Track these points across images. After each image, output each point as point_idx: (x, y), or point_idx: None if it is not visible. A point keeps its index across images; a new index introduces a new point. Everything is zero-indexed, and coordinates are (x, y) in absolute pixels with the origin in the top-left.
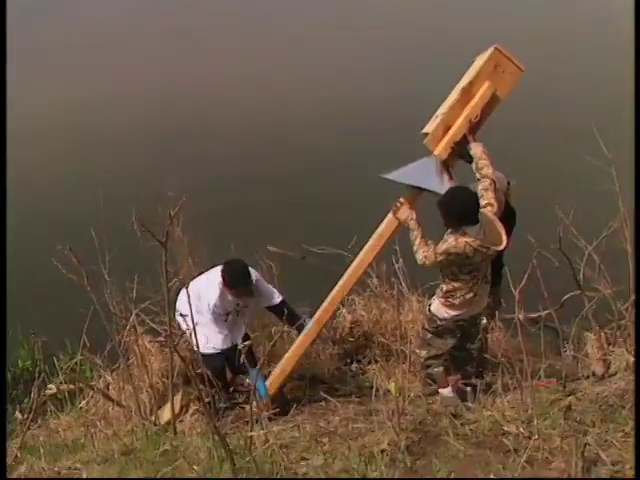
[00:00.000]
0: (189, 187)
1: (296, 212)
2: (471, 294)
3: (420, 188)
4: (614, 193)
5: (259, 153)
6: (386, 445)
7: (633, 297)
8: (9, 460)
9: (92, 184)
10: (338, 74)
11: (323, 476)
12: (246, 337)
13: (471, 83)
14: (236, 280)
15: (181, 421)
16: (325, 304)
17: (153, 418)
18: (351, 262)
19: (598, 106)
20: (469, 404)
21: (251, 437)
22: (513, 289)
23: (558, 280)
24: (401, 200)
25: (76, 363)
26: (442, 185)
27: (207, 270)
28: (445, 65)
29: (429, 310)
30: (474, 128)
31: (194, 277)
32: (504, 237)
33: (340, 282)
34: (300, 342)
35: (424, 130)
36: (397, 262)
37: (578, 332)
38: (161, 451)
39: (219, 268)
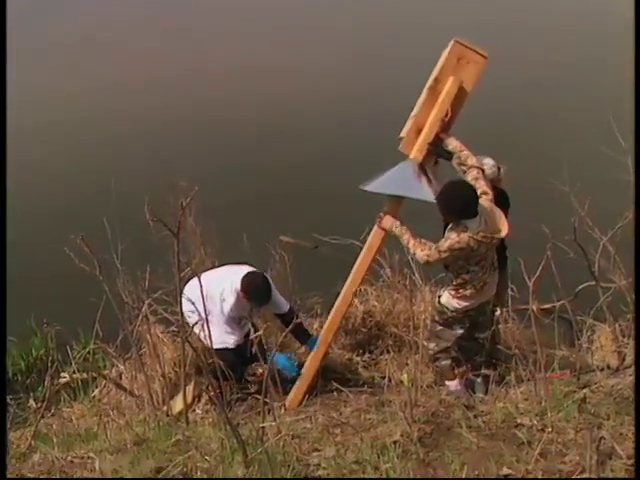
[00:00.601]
0: (196, 179)
1: (306, 203)
2: (481, 283)
3: (400, 196)
4: (625, 182)
5: (264, 144)
6: (398, 436)
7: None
8: (24, 447)
9: (98, 177)
10: (338, 66)
11: (335, 467)
12: (255, 329)
13: (436, 80)
14: (258, 295)
15: (193, 411)
16: (327, 324)
17: (165, 408)
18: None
19: (599, 97)
20: (480, 395)
21: (263, 428)
22: (527, 280)
23: (571, 270)
24: (384, 210)
25: (89, 352)
26: (422, 190)
27: (217, 267)
28: None
29: (439, 302)
30: (447, 125)
31: (204, 270)
32: (505, 224)
33: (338, 299)
34: (313, 357)
35: (401, 134)
36: None
37: (592, 324)
38: (173, 441)
39: (234, 270)
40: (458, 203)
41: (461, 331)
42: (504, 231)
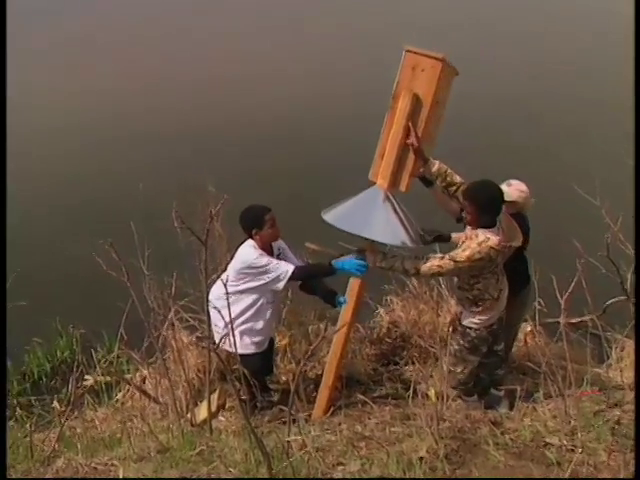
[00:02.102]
0: (221, 183)
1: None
2: (496, 293)
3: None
4: None
5: (273, 147)
6: (424, 452)
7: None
8: (48, 451)
9: (116, 178)
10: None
11: None
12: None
13: (394, 97)
14: (259, 213)
15: (218, 418)
16: (327, 365)
17: (189, 416)
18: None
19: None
20: (504, 410)
21: (289, 442)
22: (559, 296)
23: (600, 284)
24: (358, 248)
25: (113, 356)
26: (383, 228)
27: None
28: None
29: (460, 324)
30: (418, 143)
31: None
32: (519, 233)
33: (332, 347)
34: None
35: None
36: None
37: (622, 340)
38: (197, 451)
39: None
40: (493, 202)
41: (485, 349)
42: (519, 239)
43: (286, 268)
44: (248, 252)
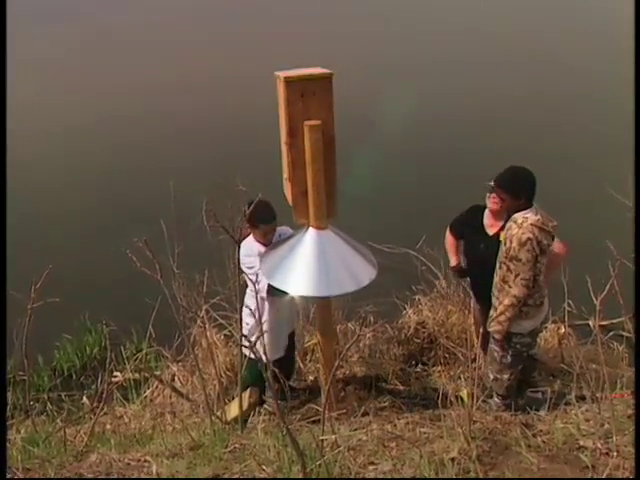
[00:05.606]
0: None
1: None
2: (540, 299)
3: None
4: None
5: None
6: (456, 453)
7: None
8: (80, 445)
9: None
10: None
11: None
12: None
13: (291, 134)
14: (263, 213)
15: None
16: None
17: (220, 413)
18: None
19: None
20: (543, 413)
21: (322, 441)
22: (594, 298)
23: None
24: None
25: (140, 351)
26: (367, 267)
27: None
28: (461, 61)
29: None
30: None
31: None
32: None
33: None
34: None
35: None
36: None
37: None
38: (230, 449)
39: None
40: (520, 182)
41: (526, 354)
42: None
43: (263, 285)
44: (245, 244)
